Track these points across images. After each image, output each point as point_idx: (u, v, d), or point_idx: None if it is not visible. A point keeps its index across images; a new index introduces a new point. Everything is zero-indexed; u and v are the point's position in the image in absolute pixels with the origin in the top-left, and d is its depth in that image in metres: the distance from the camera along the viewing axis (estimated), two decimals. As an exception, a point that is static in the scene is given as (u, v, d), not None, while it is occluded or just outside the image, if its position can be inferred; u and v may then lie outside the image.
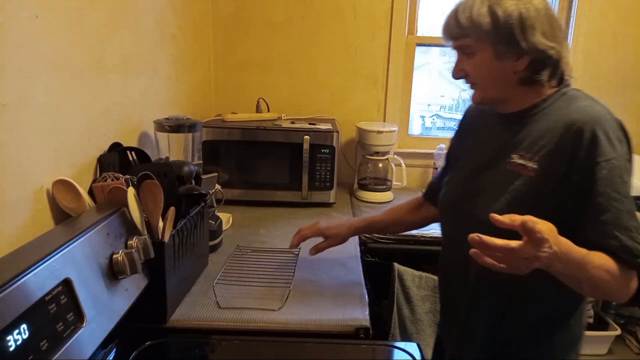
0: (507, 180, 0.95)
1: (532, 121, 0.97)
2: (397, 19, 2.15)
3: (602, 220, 0.85)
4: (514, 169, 0.95)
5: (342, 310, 1.11)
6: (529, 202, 0.91)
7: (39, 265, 0.68)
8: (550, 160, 0.90)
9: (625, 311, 2.13)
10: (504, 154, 0.98)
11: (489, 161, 1.02)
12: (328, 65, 2.21)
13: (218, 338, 1.02)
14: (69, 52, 1.02)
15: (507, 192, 0.94)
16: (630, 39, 2.17)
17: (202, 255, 1.29)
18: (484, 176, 1.01)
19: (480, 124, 1.11)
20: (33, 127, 0.90)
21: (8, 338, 0.59)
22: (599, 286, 0.84)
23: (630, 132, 0.91)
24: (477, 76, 0.98)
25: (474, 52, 0.96)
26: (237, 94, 2.23)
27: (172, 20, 1.68)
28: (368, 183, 2.10)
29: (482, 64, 0.96)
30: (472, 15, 0.93)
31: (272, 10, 2.15)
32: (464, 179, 1.07)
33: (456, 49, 1.00)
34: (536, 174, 0.91)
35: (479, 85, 1.00)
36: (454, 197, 1.09)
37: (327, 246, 1.29)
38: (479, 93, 1.01)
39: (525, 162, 0.93)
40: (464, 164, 1.10)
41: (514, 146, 0.97)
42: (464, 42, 0.97)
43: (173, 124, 1.39)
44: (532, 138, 0.95)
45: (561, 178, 0.89)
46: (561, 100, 0.96)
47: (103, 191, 0.98)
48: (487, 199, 0.97)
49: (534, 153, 0.93)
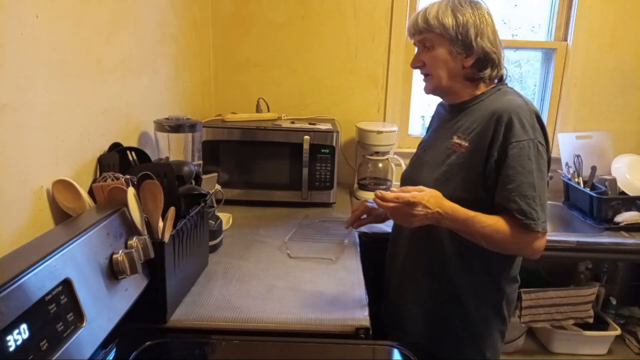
0: (445, 155, 1.18)
1: (471, 110, 1.18)
2: (397, 19, 2.15)
3: (508, 189, 1.06)
4: (451, 147, 1.17)
5: (342, 310, 1.11)
6: (460, 172, 1.14)
7: (39, 265, 0.68)
8: (477, 140, 1.12)
9: (625, 311, 2.13)
10: (447, 136, 1.20)
11: (435, 142, 1.25)
12: (328, 65, 2.21)
13: (218, 338, 1.02)
14: (69, 52, 1.02)
15: (445, 164, 1.17)
16: (631, 38, 2.17)
17: (202, 255, 1.29)
18: (430, 153, 1.25)
19: (438, 116, 1.36)
20: (33, 127, 0.91)
21: (8, 338, 0.59)
22: (493, 242, 1.07)
23: (630, 132, 0.93)
24: (432, 67, 1.18)
25: (434, 46, 1.17)
26: (237, 94, 2.23)
27: (172, 20, 1.68)
28: (368, 183, 2.10)
29: (438, 57, 1.17)
30: (439, 15, 1.14)
31: (272, 10, 2.15)
32: (417, 156, 1.33)
33: (418, 42, 1.21)
34: (467, 151, 1.14)
35: (433, 75, 1.19)
36: (408, 170, 1.33)
37: (368, 222, 1.41)
38: (431, 83, 1.21)
39: (460, 141, 1.16)
40: (420, 147, 1.36)
41: (455, 130, 1.19)
42: (427, 36, 1.17)
43: (173, 124, 1.39)
44: (468, 123, 1.16)
45: (485, 154, 1.10)
46: (494, 95, 1.18)
47: (103, 191, 0.98)
48: (429, 171, 1.21)
49: (467, 134, 1.15)
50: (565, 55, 2.21)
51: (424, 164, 1.25)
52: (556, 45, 2.22)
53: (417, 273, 1.26)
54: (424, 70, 1.21)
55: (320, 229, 1.66)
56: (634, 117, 2.23)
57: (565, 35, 2.22)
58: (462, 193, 1.12)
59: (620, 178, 1.92)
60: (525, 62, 2.44)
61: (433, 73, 1.19)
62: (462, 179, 1.13)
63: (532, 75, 2.42)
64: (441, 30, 1.14)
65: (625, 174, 1.93)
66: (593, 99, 2.23)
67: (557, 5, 2.20)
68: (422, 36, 1.18)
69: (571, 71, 2.20)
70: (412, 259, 1.27)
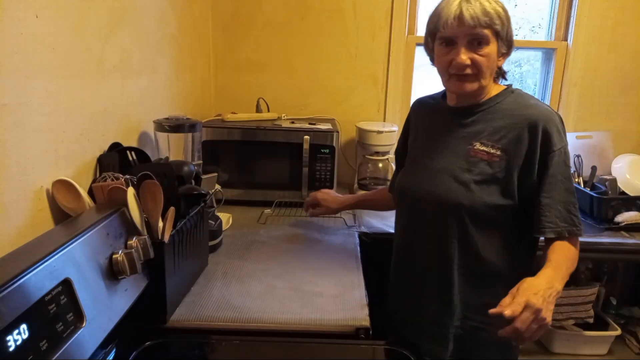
0: (469, 163, 1.11)
1: (487, 114, 1.12)
2: (397, 19, 2.15)
3: (551, 196, 1.06)
4: (476, 154, 1.11)
5: (342, 310, 1.11)
6: (497, 181, 1.09)
7: (39, 265, 0.68)
8: (512, 148, 1.08)
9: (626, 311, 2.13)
10: (463, 141, 1.13)
11: (444, 148, 1.16)
12: (328, 65, 2.21)
13: (218, 338, 1.02)
14: (69, 52, 1.02)
15: (473, 173, 1.10)
16: (630, 39, 2.17)
17: (202, 255, 1.29)
18: (441, 160, 1.15)
19: (422, 120, 1.28)
20: (33, 127, 0.90)
21: (8, 338, 0.59)
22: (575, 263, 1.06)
23: (630, 131, 0.95)
24: (483, 66, 1.06)
25: (488, 43, 1.05)
26: (237, 94, 2.23)
27: (172, 20, 1.68)
28: (368, 183, 2.10)
29: (491, 56, 1.06)
30: (497, 8, 1.04)
31: (272, 10, 2.15)
32: (421, 165, 1.21)
33: (469, 37, 1.04)
34: (500, 159, 1.09)
35: (481, 75, 1.07)
36: (407, 180, 1.24)
37: (321, 212, 1.59)
38: (477, 83, 1.08)
39: (487, 149, 1.10)
40: (417, 153, 1.25)
41: (474, 135, 1.12)
42: (485, 32, 1.04)
43: (173, 124, 1.39)
44: (491, 129, 1.11)
45: (521, 163, 1.07)
46: (510, 97, 1.13)
47: (103, 191, 0.98)
48: (449, 180, 1.12)
49: (496, 141, 1.09)
50: (565, 55, 2.21)
51: (436, 173, 1.15)
52: (556, 45, 2.22)
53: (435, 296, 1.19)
54: (471, 69, 1.06)
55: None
56: (634, 117, 2.23)
57: (565, 35, 2.21)
58: (496, 203, 1.09)
59: (621, 178, 1.92)
60: (525, 62, 2.45)
61: (482, 72, 1.07)
62: (497, 190, 1.09)
63: (532, 75, 2.42)
64: (500, 27, 1.04)
65: (626, 174, 1.93)
66: (593, 99, 2.23)
67: (557, 5, 2.20)
68: (479, 30, 1.03)
69: (571, 71, 2.20)
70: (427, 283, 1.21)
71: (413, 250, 1.23)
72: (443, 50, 1.08)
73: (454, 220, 1.12)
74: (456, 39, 1.05)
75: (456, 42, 1.05)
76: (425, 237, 1.18)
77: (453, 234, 1.13)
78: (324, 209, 1.58)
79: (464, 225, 1.11)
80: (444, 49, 1.08)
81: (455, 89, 1.11)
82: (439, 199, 1.13)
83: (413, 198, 1.21)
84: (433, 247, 1.17)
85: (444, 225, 1.14)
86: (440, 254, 1.16)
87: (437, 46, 1.11)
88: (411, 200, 1.22)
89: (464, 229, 1.12)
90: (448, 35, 1.05)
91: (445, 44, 1.08)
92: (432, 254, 1.17)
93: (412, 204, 1.22)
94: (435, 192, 1.14)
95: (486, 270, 1.13)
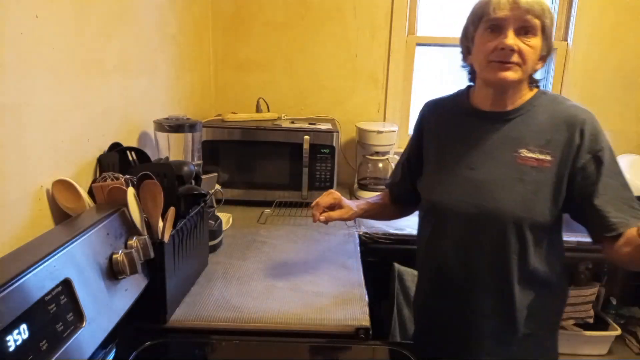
0: (520, 172, 1.03)
1: (525, 118, 1.06)
2: (397, 19, 2.15)
3: (609, 193, 1.01)
4: (525, 162, 1.03)
5: (342, 310, 1.11)
6: (550, 188, 1.02)
7: (39, 265, 0.68)
8: (562, 151, 1.02)
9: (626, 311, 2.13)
10: (506, 149, 1.05)
11: (486, 158, 1.07)
12: (328, 65, 2.21)
13: (218, 338, 1.02)
14: (69, 52, 1.02)
15: (527, 182, 1.02)
16: (631, 39, 2.17)
17: (202, 255, 1.29)
18: (486, 171, 1.06)
19: (441, 124, 1.17)
20: (33, 127, 0.90)
21: (8, 338, 0.59)
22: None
23: (630, 132, 0.96)
24: (528, 56, 1.01)
25: (535, 34, 1.00)
26: (237, 94, 2.23)
27: (172, 21, 1.68)
28: (368, 183, 2.10)
29: (535, 48, 1.01)
30: (547, 5, 1.00)
31: (272, 10, 2.15)
32: (459, 176, 1.09)
33: (520, 23, 1.00)
34: (552, 165, 1.02)
35: (524, 65, 1.02)
36: (453, 195, 1.09)
37: (338, 217, 1.24)
38: (519, 72, 1.02)
39: (536, 155, 1.03)
40: (447, 164, 1.12)
41: (517, 141, 1.05)
42: (535, 21, 0.99)
43: (173, 124, 1.39)
44: (534, 134, 1.04)
45: (571, 165, 1.02)
46: (545, 99, 1.08)
47: (103, 191, 0.98)
48: (501, 191, 1.04)
49: (542, 146, 1.03)
50: (565, 55, 2.21)
51: (482, 185, 1.06)
52: (556, 45, 2.22)
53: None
54: (516, 57, 1.01)
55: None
56: (634, 117, 2.23)
57: (565, 35, 2.21)
58: (551, 210, 1.02)
59: (621, 178, 1.92)
60: (525, 62, 2.44)
61: (526, 62, 1.01)
62: (551, 195, 1.02)
63: (532, 75, 2.42)
64: (548, 23, 1.01)
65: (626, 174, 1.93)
66: (593, 99, 2.23)
67: (557, 5, 2.20)
68: (529, 17, 0.99)
69: (571, 71, 2.20)
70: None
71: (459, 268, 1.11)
72: (488, 37, 1.02)
73: (513, 235, 1.04)
74: (505, 23, 1.00)
75: (504, 27, 1.00)
76: (476, 255, 1.08)
77: (512, 249, 1.04)
78: (345, 210, 1.26)
79: (524, 239, 1.04)
80: (489, 35, 1.02)
81: (494, 77, 1.03)
82: (494, 214, 1.04)
83: (456, 214, 1.09)
84: (488, 264, 1.07)
85: (502, 241, 1.04)
86: (498, 271, 1.07)
87: (480, 33, 1.04)
88: (453, 216, 1.09)
89: (524, 243, 1.04)
90: (499, 17, 1.00)
91: (491, 30, 1.02)
92: (488, 271, 1.08)
93: (455, 220, 1.09)
94: (488, 207, 1.04)
95: (539, 279, 1.07)
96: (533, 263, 1.05)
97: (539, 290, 1.08)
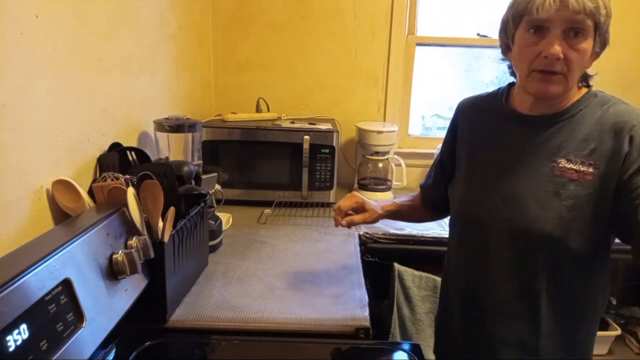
0: (555, 184, 0.91)
1: (570, 123, 0.93)
2: (397, 19, 2.15)
3: None
4: (564, 173, 0.91)
5: (342, 310, 1.11)
6: (590, 205, 0.89)
7: (39, 265, 0.68)
8: (608, 162, 0.88)
9: (626, 311, 2.13)
10: (543, 158, 0.93)
11: (523, 166, 0.95)
12: (328, 65, 2.21)
13: (218, 338, 1.02)
14: (69, 52, 1.02)
15: (564, 197, 0.90)
16: (630, 38, 2.17)
17: (202, 255, 1.29)
18: (518, 182, 0.95)
19: (477, 127, 1.06)
20: (33, 127, 0.90)
21: (8, 338, 0.59)
22: None
23: None
24: (574, 64, 0.87)
25: (586, 36, 0.86)
26: (237, 94, 2.23)
27: (172, 20, 1.68)
28: (368, 183, 2.10)
29: (585, 52, 0.87)
30: None
31: (272, 10, 2.15)
32: (491, 186, 0.99)
33: (570, 25, 0.86)
34: (594, 178, 0.89)
35: (570, 76, 0.88)
36: (482, 206, 1.00)
37: (361, 221, 1.17)
38: (564, 84, 0.89)
39: (577, 166, 0.90)
40: (480, 171, 1.03)
41: (556, 150, 0.92)
42: (587, 21, 0.85)
43: (173, 124, 1.39)
44: (577, 141, 0.91)
45: (617, 178, 0.87)
46: (593, 102, 0.94)
47: (103, 191, 0.98)
48: (533, 205, 0.92)
49: (585, 156, 0.90)
50: (565, 55, 2.21)
51: (514, 198, 0.94)
52: (556, 45, 2.22)
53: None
54: (560, 66, 0.87)
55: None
56: (634, 117, 2.23)
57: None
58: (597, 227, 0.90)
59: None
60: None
61: (572, 71, 0.88)
62: (591, 212, 0.89)
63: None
64: (604, 19, 0.85)
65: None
66: (593, 99, 2.23)
67: (557, 5, 2.20)
68: (580, 18, 0.84)
69: (571, 71, 2.20)
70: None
71: (480, 286, 1.02)
72: (530, 39, 0.89)
73: (543, 255, 0.93)
74: (551, 25, 0.86)
75: (549, 29, 0.86)
76: (501, 275, 0.98)
77: (541, 273, 0.93)
78: (369, 213, 1.19)
79: (556, 260, 0.92)
80: (531, 37, 0.89)
81: (535, 90, 0.91)
82: (523, 232, 0.93)
83: (483, 227, 0.99)
84: (513, 287, 0.97)
85: (531, 261, 0.94)
86: (523, 295, 0.96)
87: (521, 33, 0.91)
88: (479, 228, 1.00)
89: (556, 266, 0.93)
90: (542, 18, 0.85)
91: (534, 31, 0.88)
92: (513, 294, 0.97)
93: (480, 234, 1.00)
94: (518, 221, 0.94)
95: (572, 309, 0.96)
96: (567, 291, 0.94)
97: (571, 323, 0.97)
